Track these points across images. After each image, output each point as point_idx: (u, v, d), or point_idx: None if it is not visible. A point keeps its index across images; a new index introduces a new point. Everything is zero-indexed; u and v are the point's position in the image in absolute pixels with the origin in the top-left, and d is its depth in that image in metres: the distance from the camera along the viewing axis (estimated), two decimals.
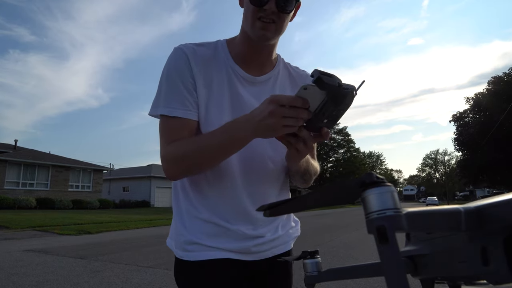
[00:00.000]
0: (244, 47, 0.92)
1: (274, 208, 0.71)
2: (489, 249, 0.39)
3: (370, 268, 0.55)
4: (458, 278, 0.49)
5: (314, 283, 0.68)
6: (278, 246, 0.98)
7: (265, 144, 0.91)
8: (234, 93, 0.91)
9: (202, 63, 0.89)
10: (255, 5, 0.81)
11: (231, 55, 0.93)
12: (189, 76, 0.87)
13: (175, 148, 0.82)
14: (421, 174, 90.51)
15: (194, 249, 0.89)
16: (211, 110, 0.88)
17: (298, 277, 1.22)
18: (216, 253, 0.88)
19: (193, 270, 0.89)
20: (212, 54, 0.92)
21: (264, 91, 0.93)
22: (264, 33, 0.84)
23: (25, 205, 18.89)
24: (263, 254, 0.94)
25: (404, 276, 0.30)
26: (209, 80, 0.89)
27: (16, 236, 8.64)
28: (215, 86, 0.89)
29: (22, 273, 4.61)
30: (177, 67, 0.87)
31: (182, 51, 0.88)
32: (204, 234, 0.89)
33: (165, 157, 0.83)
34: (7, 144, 26.47)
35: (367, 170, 59.83)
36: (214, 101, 0.89)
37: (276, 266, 0.98)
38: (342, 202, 0.43)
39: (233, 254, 0.90)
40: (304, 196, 0.51)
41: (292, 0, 0.83)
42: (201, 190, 0.91)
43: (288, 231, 1.02)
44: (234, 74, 0.92)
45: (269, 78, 0.96)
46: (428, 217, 0.38)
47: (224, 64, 0.92)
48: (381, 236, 0.31)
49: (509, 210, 0.38)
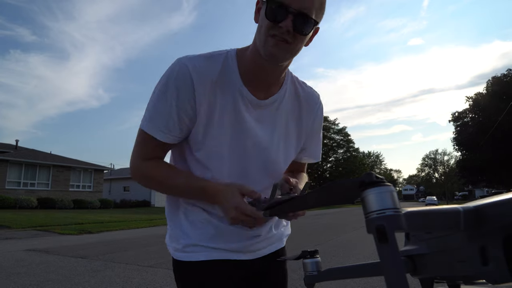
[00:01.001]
0: (253, 65, 0.86)
1: (274, 208, 0.71)
2: (488, 248, 0.39)
3: (369, 267, 0.55)
4: (457, 278, 0.49)
5: (313, 283, 0.68)
6: (274, 243, 1.01)
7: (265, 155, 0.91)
8: (238, 118, 0.87)
9: (208, 85, 0.83)
10: (270, 20, 0.75)
11: (239, 72, 0.87)
12: (188, 103, 0.82)
13: (149, 170, 0.88)
14: (421, 174, 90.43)
15: (192, 250, 0.90)
16: (209, 135, 0.85)
17: (298, 277, 1.22)
18: (213, 254, 0.89)
19: (191, 270, 0.90)
20: (220, 71, 0.85)
21: (267, 115, 0.91)
22: (275, 51, 0.78)
23: (26, 205, 18.89)
24: (260, 252, 0.97)
25: (403, 275, 0.31)
26: (212, 103, 0.84)
27: (17, 235, 8.64)
28: (218, 110, 0.85)
29: (23, 272, 4.61)
30: (177, 86, 0.81)
31: (187, 69, 0.81)
32: (202, 236, 0.90)
33: (138, 169, 0.89)
34: (8, 144, 26.48)
35: (366, 170, 59.75)
36: (215, 127, 0.85)
37: (272, 263, 1.01)
38: (342, 202, 0.43)
39: (231, 253, 0.91)
40: (304, 196, 0.51)
41: (310, 21, 0.76)
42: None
43: (281, 230, 1.04)
44: (241, 96, 0.87)
45: (275, 101, 0.92)
46: (428, 217, 0.38)
47: (231, 84, 0.86)
48: (381, 235, 0.32)
49: (508, 210, 0.38)
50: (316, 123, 1.03)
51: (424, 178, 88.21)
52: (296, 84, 0.98)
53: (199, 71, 0.82)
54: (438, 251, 0.48)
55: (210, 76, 0.83)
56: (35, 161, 22.01)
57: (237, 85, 0.86)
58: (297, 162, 1.07)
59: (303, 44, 0.82)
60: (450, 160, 76.98)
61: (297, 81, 0.99)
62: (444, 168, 79.10)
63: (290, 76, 0.96)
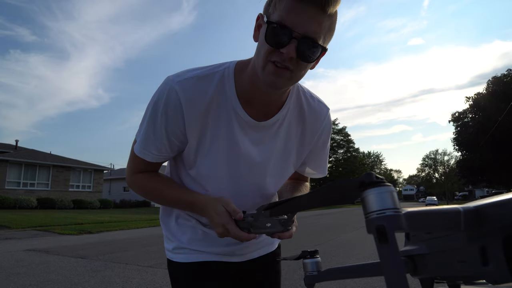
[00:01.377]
0: (251, 86, 0.79)
1: (274, 208, 0.71)
2: (488, 248, 0.39)
3: (369, 268, 0.55)
4: (458, 278, 0.49)
5: (313, 283, 0.68)
6: (263, 247, 1.02)
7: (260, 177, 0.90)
8: (231, 141, 0.83)
9: (199, 108, 0.78)
10: (271, 45, 0.66)
11: (236, 91, 0.80)
12: (177, 127, 0.80)
13: (143, 182, 0.90)
14: (421, 174, 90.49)
15: (181, 252, 0.94)
16: (200, 156, 0.84)
17: (298, 277, 1.23)
18: (203, 256, 0.93)
19: (181, 270, 0.94)
20: (214, 91, 0.79)
21: (266, 136, 0.86)
22: (274, 80, 0.70)
23: (26, 205, 18.90)
24: (248, 256, 0.99)
25: (403, 275, 0.31)
26: (204, 127, 0.81)
27: (17, 236, 8.64)
28: (210, 132, 0.82)
29: (23, 273, 4.61)
30: (166, 111, 0.78)
31: (176, 94, 0.76)
32: (191, 240, 0.94)
33: (133, 182, 0.91)
34: (8, 144, 26.49)
35: (366, 170, 59.80)
36: (206, 149, 0.83)
37: (264, 264, 1.02)
38: (342, 202, 0.43)
39: (219, 256, 0.94)
40: (304, 196, 0.51)
41: (317, 47, 0.67)
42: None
43: None
44: (236, 118, 0.82)
45: (275, 122, 0.85)
46: (428, 217, 0.38)
47: (226, 105, 0.81)
48: (381, 235, 0.32)
49: (508, 210, 0.38)
50: (323, 138, 0.95)
51: (424, 178, 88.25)
52: (302, 99, 0.89)
53: (189, 96, 0.77)
54: (438, 251, 0.48)
55: (202, 99, 0.78)
56: (35, 161, 22.01)
57: (233, 106, 0.81)
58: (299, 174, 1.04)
59: (307, 69, 0.73)
60: (450, 160, 77.09)
61: (304, 95, 0.89)
62: (444, 168, 79.14)
63: (296, 89, 0.87)
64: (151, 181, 0.90)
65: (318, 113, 0.91)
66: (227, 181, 0.87)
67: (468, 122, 41.91)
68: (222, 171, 0.86)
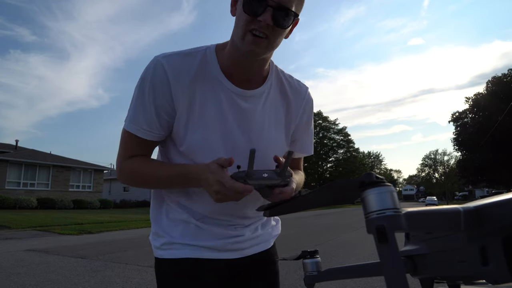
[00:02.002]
0: (233, 59, 0.84)
1: (274, 208, 0.71)
2: (488, 248, 0.39)
3: (369, 268, 0.55)
4: (458, 278, 0.49)
5: (313, 283, 0.68)
6: (258, 244, 0.97)
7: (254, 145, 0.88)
8: (221, 111, 0.85)
9: (185, 81, 0.82)
10: (249, 14, 0.74)
11: (220, 66, 0.86)
12: (165, 100, 0.82)
13: (133, 166, 0.87)
14: (421, 174, 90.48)
15: (170, 248, 0.90)
16: (191, 129, 0.84)
17: (298, 277, 1.22)
18: (191, 252, 0.88)
19: (168, 268, 0.89)
20: (198, 66, 0.84)
21: (253, 108, 0.88)
22: (253, 48, 0.77)
23: (26, 205, 18.89)
24: (242, 252, 0.93)
25: (403, 275, 0.31)
26: (191, 99, 0.83)
27: (17, 236, 8.64)
28: (198, 105, 0.84)
29: (23, 273, 4.61)
30: (153, 85, 0.81)
31: (162, 67, 0.81)
32: (182, 234, 0.90)
33: (122, 169, 0.89)
34: (8, 144, 26.49)
35: (366, 170, 59.77)
36: (196, 122, 0.84)
37: (261, 263, 0.98)
38: (342, 202, 0.43)
39: (211, 252, 0.89)
40: (304, 196, 0.52)
41: (290, 14, 0.75)
42: (185, 191, 0.90)
43: (268, 230, 1.01)
44: (222, 88, 0.85)
45: (261, 94, 0.90)
46: (428, 217, 0.38)
47: (211, 77, 0.85)
48: (381, 236, 0.32)
49: (508, 210, 0.38)
50: (305, 116, 0.99)
51: (424, 178, 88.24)
52: (282, 77, 0.96)
53: (175, 68, 0.82)
54: (438, 251, 0.48)
55: (187, 72, 0.83)
56: (35, 161, 22.00)
57: (218, 78, 0.85)
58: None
59: (283, 37, 0.81)
60: (450, 160, 77.09)
61: (283, 74, 0.97)
62: (444, 168, 79.14)
63: (275, 69, 0.94)
64: (142, 164, 0.87)
65: (298, 90, 0.98)
66: (221, 152, 0.84)
67: (468, 122, 41.92)
68: (215, 142, 0.85)
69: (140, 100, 0.83)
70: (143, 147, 0.88)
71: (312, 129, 1.05)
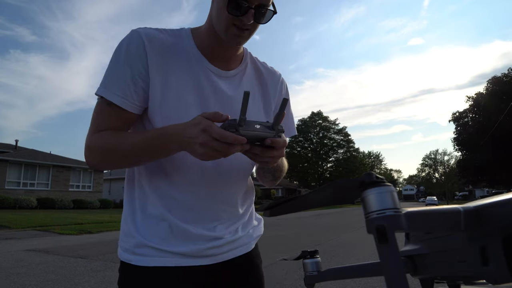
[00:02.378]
0: (210, 41, 0.86)
1: (274, 208, 0.71)
2: (488, 248, 0.39)
3: (369, 268, 0.55)
4: (458, 278, 0.49)
5: (313, 283, 0.68)
6: (237, 248, 0.90)
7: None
8: (197, 83, 0.83)
9: (161, 51, 0.82)
10: (233, 15, 0.77)
11: (197, 46, 0.87)
12: (141, 64, 0.79)
13: (100, 139, 0.78)
14: (421, 174, 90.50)
15: (143, 253, 0.81)
16: (167, 101, 0.80)
17: (298, 277, 1.21)
18: (168, 260, 0.81)
19: (141, 276, 0.80)
20: (175, 42, 0.85)
21: (231, 85, 0.89)
22: (237, 39, 0.81)
23: (25, 205, 18.88)
24: (220, 257, 0.86)
25: (403, 275, 0.31)
26: (167, 69, 0.82)
27: (17, 236, 8.64)
28: (175, 75, 0.82)
29: (23, 273, 4.61)
30: (129, 51, 0.80)
31: (138, 34, 0.80)
32: (157, 236, 0.81)
33: (89, 146, 0.79)
34: (8, 144, 26.49)
35: (366, 170, 59.77)
36: (173, 90, 0.81)
37: (241, 268, 0.91)
38: (342, 202, 0.43)
39: (185, 259, 0.82)
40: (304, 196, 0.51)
41: (270, 12, 0.80)
42: (159, 185, 0.83)
43: (249, 232, 0.95)
44: (199, 64, 0.85)
45: (236, 74, 0.91)
46: (428, 217, 0.38)
47: (187, 53, 0.85)
48: (381, 235, 0.31)
49: (508, 210, 0.38)
50: (284, 95, 1.02)
51: (424, 178, 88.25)
52: (256, 62, 0.99)
53: (152, 37, 0.81)
54: (438, 251, 0.48)
55: (163, 42, 0.83)
56: (34, 161, 22.00)
57: (195, 55, 0.86)
58: None
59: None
60: (450, 160, 77.12)
61: (256, 59, 1.00)
62: (444, 168, 79.16)
63: (249, 54, 0.98)
64: (112, 134, 0.79)
65: (273, 72, 1.01)
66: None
67: (468, 122, 41.93)
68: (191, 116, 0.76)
69: (115, 64, 0.80)
70: (116, 119, 0.80)
71: (292, 113, 1.06)
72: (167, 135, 0.72)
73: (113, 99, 0.78)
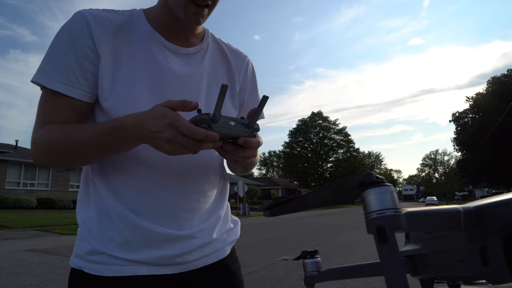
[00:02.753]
0: (165, 18, 0.79)
1: (274, 208, 0.71)
2: (488, 248, 0.39)
3: (369, 268, 0.55)
4: (458, 278, 0.49)
5: (314, 283, 0.68)
6: (210, 254, 0.80)
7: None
8: (151, 61, 0.76)
9: (109, 30, 0.73)
10: None
11: (150, 24, 0.80)
12: (86, 45, 0.70)
13: (46, 133, 0.69)
14: (421, 174, 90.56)
15: (98, 260, 0.71)
16: (119, 81, 0.72)
17: (298, 277, 1.21)
18: (124, 268, 0.71)
19: (90, 285, 0.71)
20: (125, 21, 0.77)
21: (191, 64, 0.82)
22: (197, 18, 0.75)
23: (26, 205, 18.89)
24: (192, 265, 0.77)
25: (403, 276, 0.31)
26: (117, 47, 0.74)
27: (17, 236, 8.64)
28: (126, 54, 0.74)
29: (23, 272, 4.61)
30: (71, 32, 0.70)
31: (82, 15, 0.72)
32: (112, 240, 0.71)
33: (35, 142, 0.70)
34: (8, 144, 26.52)
35: (366, 170, 59.80)
36: (125, 71, 0.73)
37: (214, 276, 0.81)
38: (342, 202, 0.43)
39: (148, 267, 0.72)
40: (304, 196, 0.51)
41: None
42: (115, 181, 0.74)
43: (223, 235, 0.85)
44: (153, 41, 0.78)
45: (198, 51, 0.84)
46: (428, 217, 0.38)
47: (140, 31, 0.78)
48: (381, 236, 0.32)
49: (508, 210, 0.38)
50: (250, 77, 0.95)
51: (424, 178, 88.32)
52: (219, 42, 0.92)
53: (98, 18, 0.73)
54: (438, 251, 0.48)
55: (112, 22, 0.75)
56: None
57: (148, 33, 0.78)
58: None
59: None
60: (450, 160, 77.20)
61: (221, 40, 0.94)
62: (444, 168, 79.23)
63: (211, 34, 0.91)
64: (60, 128, 0.69)
65: (238, 53, 0.94)
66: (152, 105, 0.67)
67: (468, 122, 41.96)
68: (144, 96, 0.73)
69: (55, 48, 0.71)
70: (65, 111, 0.71)
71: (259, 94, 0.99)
72: (124, 127, 0.63)
73: (55, 87, 0.69)
